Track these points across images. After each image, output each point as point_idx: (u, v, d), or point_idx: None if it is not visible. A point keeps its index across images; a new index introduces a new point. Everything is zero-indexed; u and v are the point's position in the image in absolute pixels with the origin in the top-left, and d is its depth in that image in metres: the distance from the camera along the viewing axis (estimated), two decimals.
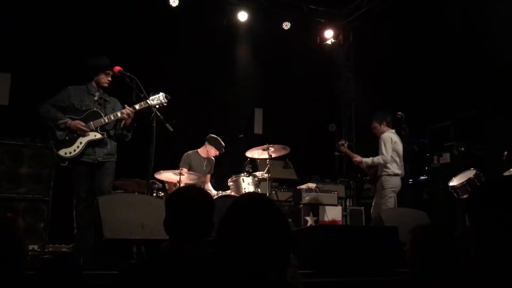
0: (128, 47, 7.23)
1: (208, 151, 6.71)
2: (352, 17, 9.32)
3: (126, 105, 4.87)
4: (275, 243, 1.64)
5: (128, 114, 4.77)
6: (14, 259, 2.02)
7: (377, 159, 6.05)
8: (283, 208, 7.10)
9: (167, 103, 4.89)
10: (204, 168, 6.68)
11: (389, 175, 6.03)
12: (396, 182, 6.06)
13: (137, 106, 4.83)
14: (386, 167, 6.04)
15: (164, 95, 4.90)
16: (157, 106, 4.82)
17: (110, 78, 4.88)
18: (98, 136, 4.74)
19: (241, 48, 8.53)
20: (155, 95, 4.85)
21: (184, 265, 1.88)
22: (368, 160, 6.16)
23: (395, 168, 6.05)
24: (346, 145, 6.54)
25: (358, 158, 6.34)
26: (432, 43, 7.85)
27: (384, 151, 6.02)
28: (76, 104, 4.78)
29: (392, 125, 6.29)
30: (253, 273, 1.58)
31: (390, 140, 6.09)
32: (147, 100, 4.80)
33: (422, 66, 7.88)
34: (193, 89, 7.99)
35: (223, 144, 6.68)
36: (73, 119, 4.71)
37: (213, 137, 6.69)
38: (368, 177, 6.35)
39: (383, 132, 6.22)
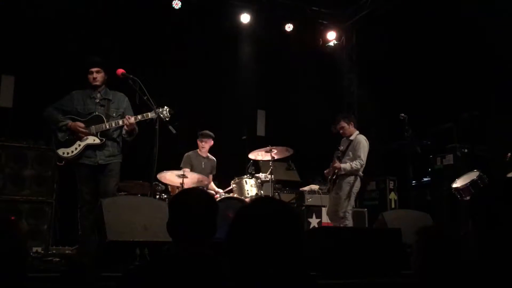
0: (131, 49, 7.25)
1: (204, 146, 6.76)
2: (354, 18, 9.30)
3: (127, 116, 4.87)
4: (291, 252, 1.58)
5: (127, 125, 4.77)
6: (15, 261, 2.03)
7: (355, 164, 5.96)
8: None
9: (169, 117, 4.88)
10: (203, 167, 6.70)
11: (355, 176, 6.03)
12: (359, 184, 6.09)
13: (139, 117, 4.83)
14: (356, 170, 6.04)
15: (168, 109, 4.89)
16: (160, 119, 4.80)
17: (95, 75, 4.83)
18: (97, 141, 4.75)
19: (244, 50, 8.52)
20: (159, 108, 4.84)
21: (187, 267, 1.88)
22: (347, 166, 6.00)
23: (360, 170, 6.09)
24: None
25: (337, 164, 6.16)
26: (434, 44, 7.83)
27: (362, 155, 5.99)
28: (79, 108, 4.80)
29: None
30: (261, 277, 1.56)
31: (365, 143, 6.08)
32: (149, 113, 4.80)
33: (424, 67, 7.87)
34: (195, 90, 8.00)
35: (211, 133, 6.78)
36: (74, 120, 4.73)
37: (199, 133, 6.78)
38: (332, 178, 6.22)
39: (351, 133, 6.19)
